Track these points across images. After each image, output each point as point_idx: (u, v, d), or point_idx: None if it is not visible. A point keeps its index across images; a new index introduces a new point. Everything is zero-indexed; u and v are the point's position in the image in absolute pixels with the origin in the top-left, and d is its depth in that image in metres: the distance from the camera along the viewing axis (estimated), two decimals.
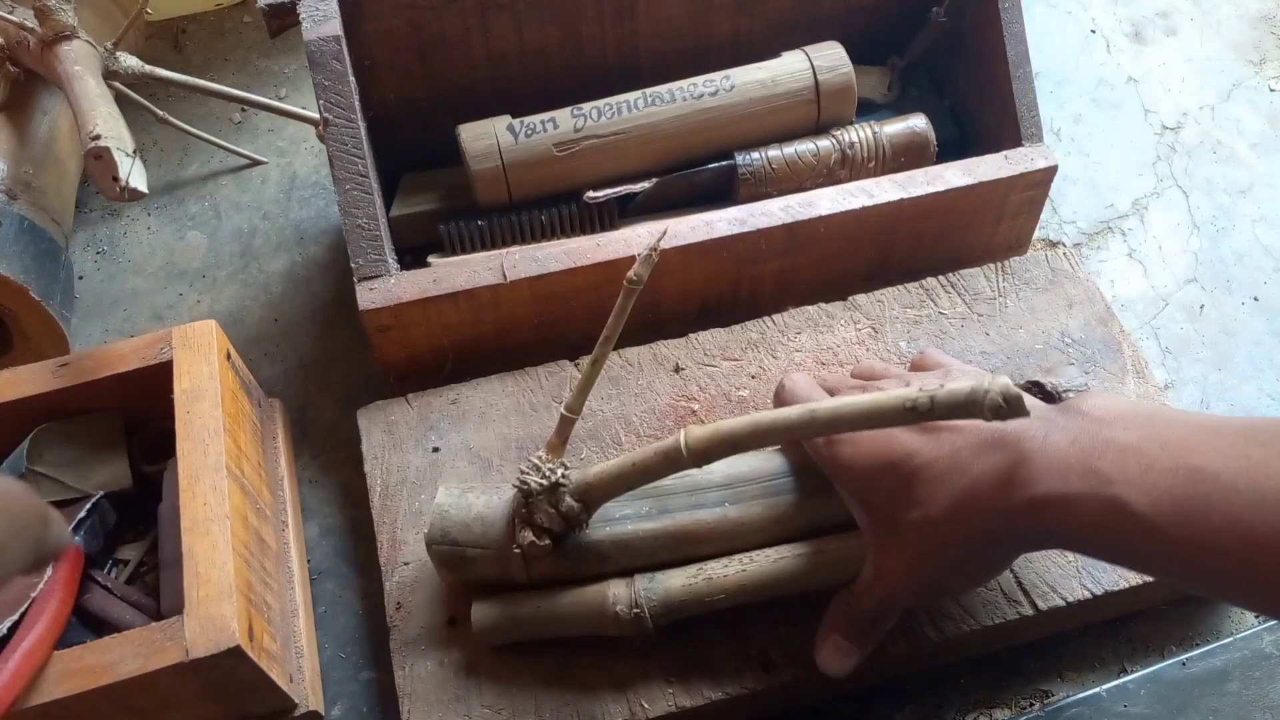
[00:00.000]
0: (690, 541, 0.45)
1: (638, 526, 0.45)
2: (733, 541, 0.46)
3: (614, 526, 0.45)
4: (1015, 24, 0.61)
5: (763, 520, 0.46)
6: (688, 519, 0.46)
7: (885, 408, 0.35)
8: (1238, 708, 0.48)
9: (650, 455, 0.42)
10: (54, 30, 0.58)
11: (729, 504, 0.46)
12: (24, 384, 0.50)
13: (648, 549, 0.45)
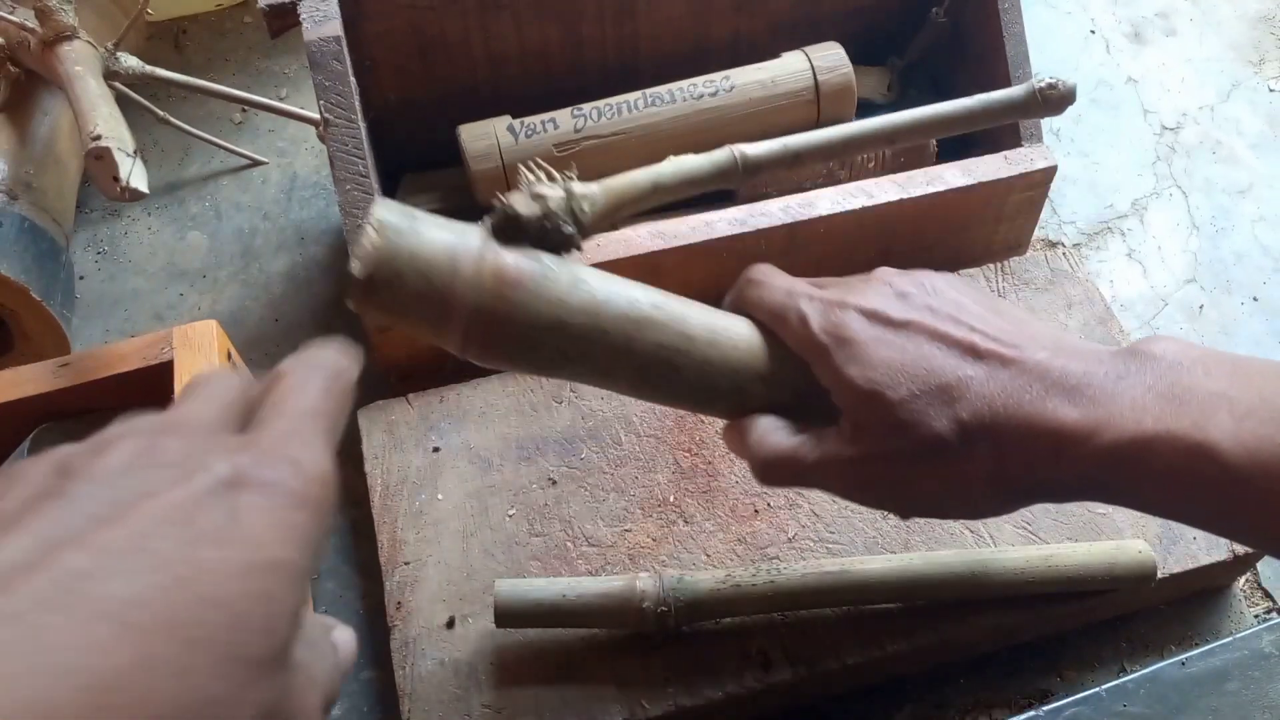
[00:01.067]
0: (682, 319, 0.37)
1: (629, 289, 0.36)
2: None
3: (599, 272, 0.36)
4: (1015, 24, 0.61)
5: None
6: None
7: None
8: (1237, 707, 0.48)
9: (694, 166, 0.37)
10: (54, 31, 0.58)
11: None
12: (25, 384, 0.50)
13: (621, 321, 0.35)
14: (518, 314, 0.33)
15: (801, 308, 0.37)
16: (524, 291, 0.33)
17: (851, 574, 0.47)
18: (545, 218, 0.34)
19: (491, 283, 0.33)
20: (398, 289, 0.32)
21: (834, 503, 0.52)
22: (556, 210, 0.34)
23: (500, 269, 0.33)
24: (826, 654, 0.47)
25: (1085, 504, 0.51)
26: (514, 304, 0.33)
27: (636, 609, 0.45)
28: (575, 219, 0.35)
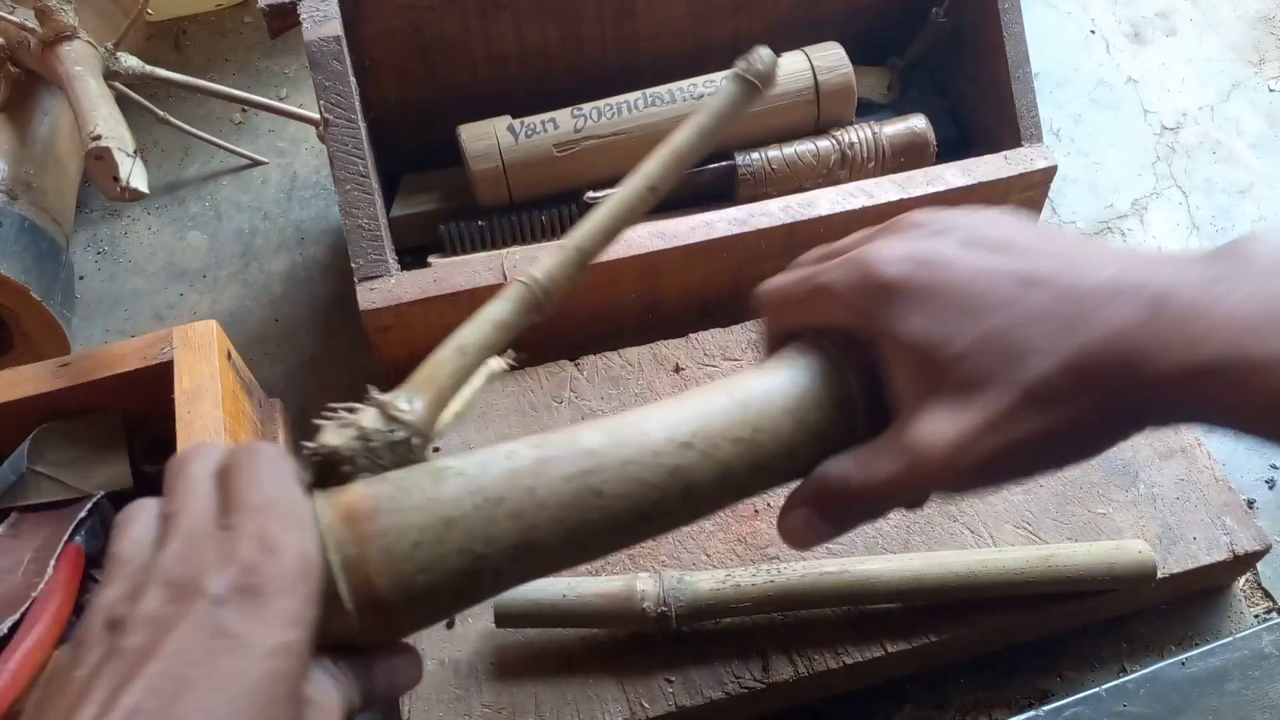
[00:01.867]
0: (571, 439, 0.31)
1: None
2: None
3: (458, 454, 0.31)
4: (1015, 24, 0.61)
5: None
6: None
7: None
8: (1237, 708, 0.48)
9: (494, 311, 0.32)
10: (55, 31, 0.58)
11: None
12: (25, 384, 0.50)
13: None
14: (394, 540, 0.27)
15: (827, 277, 0.32)
16: (385, 515, 0.27)
17: (851, 574, 0.47)
18: (367, 438, 0.28)
19: (345, 529, 0.27)
20: None
21: None
22: (374, 425, 0.29)
23: (347, 508, 0.27)
24: (826, 654, 0.47)
25: (1084, 504, 0.52)
26: (383, 533, 0.27)
27: (636, 609, 0.45)
28: (399, 422, 0.29)
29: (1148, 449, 0.54)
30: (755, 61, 0.33)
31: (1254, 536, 0.51)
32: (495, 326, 0.32)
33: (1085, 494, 0.52)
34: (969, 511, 0.51)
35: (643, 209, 0.34)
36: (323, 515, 0.27)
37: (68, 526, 0.49)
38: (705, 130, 0.34)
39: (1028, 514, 0.51)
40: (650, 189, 0.34)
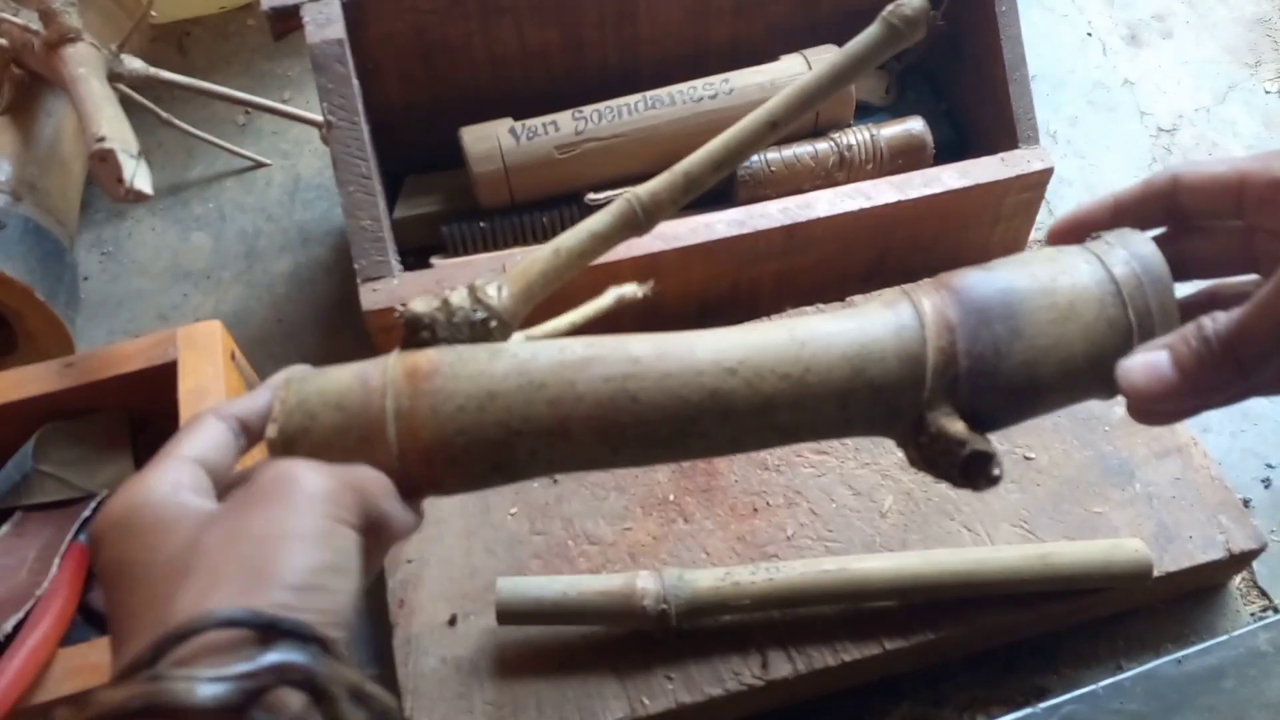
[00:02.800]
0: (622, 345, 0.32)
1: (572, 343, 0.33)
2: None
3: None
4: (1012, 27, 0.61)
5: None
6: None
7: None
8: (1233, 705, 0.48)
9: (595, 223, 0.33)
10: (59, 33, 0.58)
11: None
12: (29, 384, 0.51)
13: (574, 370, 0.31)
14: (442, 400, 0.30)
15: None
16: (441, 378, 0.30)
17: (850, 572, 0.47)
18: (450, 311, 0.31)
19: (405, 382, 0.30)
20: (315, 431, 0.30)
21: (832, 501, 0.52)
22: (460, 303, 0.32)
23: (412, 365, 0.30)
24: (825, 651, 0.47)
25: (1081, 503, 0.52)
26: (435, 392, 0.30)
27: (637, 607, 0.45)
28: (483, 304, 0.32)
29: (1144, 448, 0.54)
30: (904, 6, 0.32)
31: (1250, 535, 0.51)
32: (592, 236, 0.33)
33: (1082, 493, 0.52)
34: (966, 510, 0.52)
35: (760, 144, 0.34)
36: (391, 368, 0.30)
37: (72, 526, 0.49)
38: (838, 72, 0.33)
39: (1024, 512, 0.52)
40: (771, 124, 0.33)
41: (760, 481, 0.53)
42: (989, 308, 0.31)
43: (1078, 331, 0.31)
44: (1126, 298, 0.31)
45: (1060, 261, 0.32)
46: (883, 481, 0.53)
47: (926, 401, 0.31)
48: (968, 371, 0.31)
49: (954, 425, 0.31)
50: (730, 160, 0.34)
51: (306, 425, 0.30)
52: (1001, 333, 0.31)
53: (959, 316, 0.31)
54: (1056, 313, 0.31)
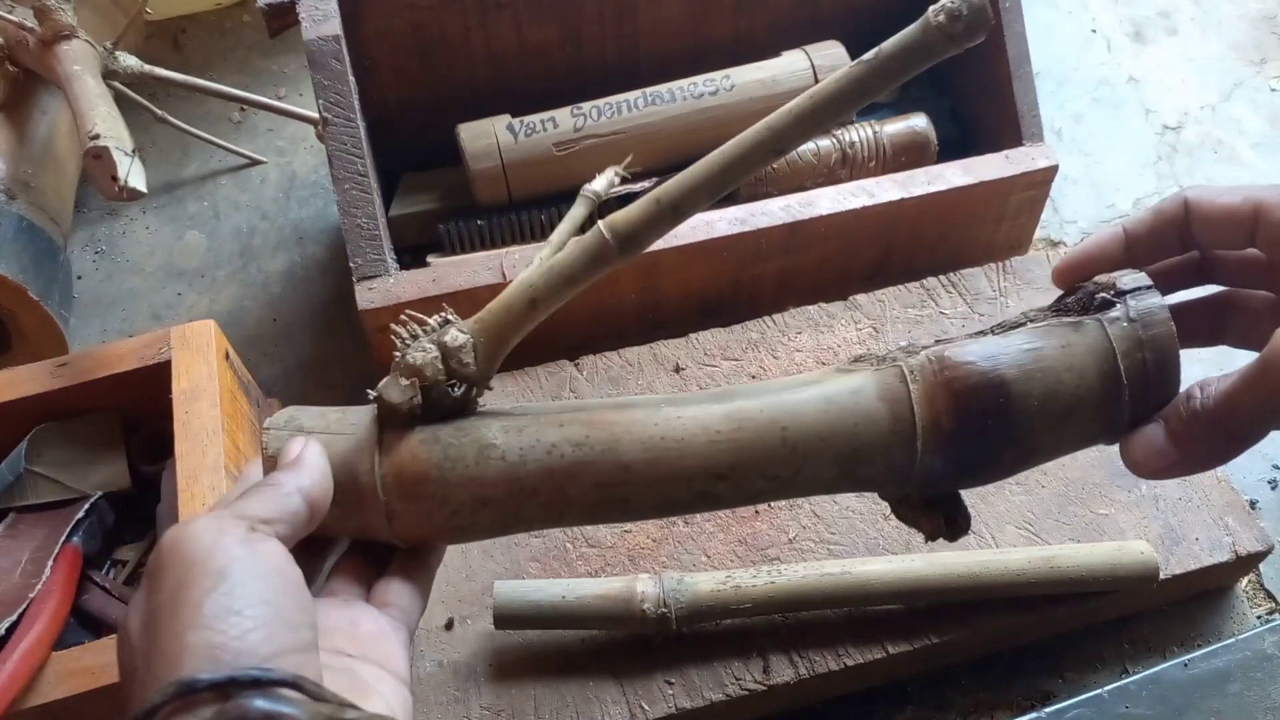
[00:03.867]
0: (612, 448, 0.31)
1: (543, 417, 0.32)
2: (666, 459, 0.31)
3: (508, 419, 0.32)
4: (1016, 23, 0.61)
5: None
6: (610, 416, 0.32)
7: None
8: (1239, 709, 0.47)
9: (568, 265, 0.31)
10: (53, 30, 0.58)
11: (667, 405, 0.32)
12: (22, 384, 0.50)
13: (545, 443, 0.31)
14: (435, 507, 0.31)
15: None
16: (430, 483, 0.30)
17: (852, 575, 0.46)
18: (425, 391, 0.31)
19: (395, 486, 0.30)
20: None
21: (835, 503, 0.51)
22: (434, 377, 0.31)
23: (399, 467, 0.30)
24: (827, 655, 0.46)
25: (1087, 505, 0.51)
26: (427, 498, 0.31)
27: (636, 610, 0.45)
28: (459, 375, 0.31)
29: None
30: (961, 5, 0.27)
31: (1256, 537, 0.50)
32: (565, 280, 0.31)
33: (1087, 495, 0.52)
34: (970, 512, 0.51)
35: (757, 168, 0.31)
36: (380, 467, 0.31)
37: (65, 527, 0.49)
38: (861, 84, 0.30)
39: (1029, 515, 0.51)
40: (775, 151, 0.30)
41: None
42: (986, 417, 0.31)
43: (1070, 433, 0.32)
44: (1127, 399, 0.31)
45: (1072, 353, 0.31)
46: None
47: (905, 495, 0.33)
48: (951, 474, 0.32)
49: (926, 524, 0.33)
50: (725, 185, 0.31)
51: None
52: (994, 442, 0.31)
53: (952, 427, 0.31)
54: (1053, 419, 0.31)
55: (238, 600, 0.24)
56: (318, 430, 0.31)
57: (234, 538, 0.26)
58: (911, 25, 0.28)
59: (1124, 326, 0.31)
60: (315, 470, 0.29)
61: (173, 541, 0.26)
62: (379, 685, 0.29)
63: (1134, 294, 0.31)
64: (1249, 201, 0.31)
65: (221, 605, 0.24)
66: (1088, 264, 0.34)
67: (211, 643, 0.23)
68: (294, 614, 0.25)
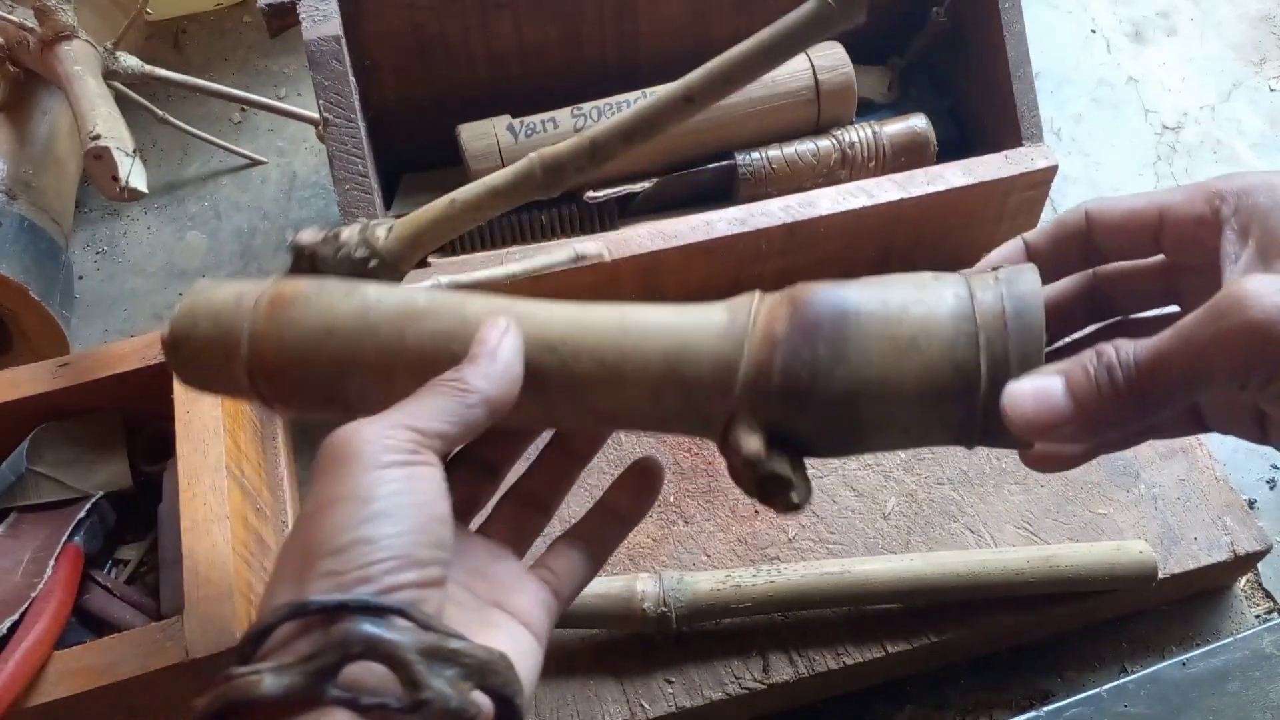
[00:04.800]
0: (459, 306, 0.32)
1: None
2: None
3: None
4: (1015, 24, 0.61)
5: None
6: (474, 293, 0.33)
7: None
8: (1238, 708, 0.48)
9: (494, 177, 0.33)
10: (54, 30, 0.58)
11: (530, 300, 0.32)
12: (24, 384, 0.50)
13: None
14: (288, 330, 0.31)
15: None
16: (295, 308, 0.31)
17: (852, 575, 0.47)
18: (336, 246, 0.33)
19: (265, 306, 0.31)
20: (194, 340, 0.32)
21: (834, 502, 0.52)
22: (347, 239, 0.33)
23: (279, 293, 0.32)
24: (826, 655, 0.47)
25: (1085, 504, 0.51)
26: (285, 321, 0.31)
27: (636, 610, 0.45)
28: (368, 245, 0.33)
29: (1148, 449, 0.54)
30: None
31: (1255, 537, 0.51)
32: (491, 191, 0.33)
33: (1086, 494, 0.52)
34: (969, 512, 0.51)
35: (674, 117, 0.32)
36: (264, 292, 0.32)
37: (67, 526, 0.49)
38: (767, 48, 0.32)
39: (1028, 514, 0.51)
40: (687, 99, 0.32)
41: None
42: (819, 327, 0.29)
43: (914, 368, 0.29)
44: (983, 341, 0.28)
45: (927, 289, 0.30)
46: (885, 483, 0.52)
47: (734, 413, 0.30)
48: (779, 390, 0.29)
49: (750, 442, 0.29)
50: (640, 132, 0.33)
51: (189, 332, 0.32)
52: (823, 355, 0.29)
53: (785, 332, 0.29)
54: (893, 344, 0.29)
55: (375, 530, 0.24)
56: (232, 283, 0.33)
57: (394, 458, 0.26)
58: (808, 3, 0.31)
59: (985, 279, 0.30)
60: (509, 368, 0.29)
61: (334, 450, 0.26)
62: (508, 627, 0.29)
63: (1008, 268, 0.31)
64: (1154, 205, 0.30)
65: (358, 534, 0.24)
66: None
67: (336, 569, 0.24)
68: (427, 550, 0.25)
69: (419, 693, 0.23)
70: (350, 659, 0.23)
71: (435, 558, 0.25)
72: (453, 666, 0.24)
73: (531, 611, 0.30)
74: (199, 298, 0.33)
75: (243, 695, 0.23)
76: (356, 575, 0.24)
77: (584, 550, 0.33)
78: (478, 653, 0.25)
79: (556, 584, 0.31)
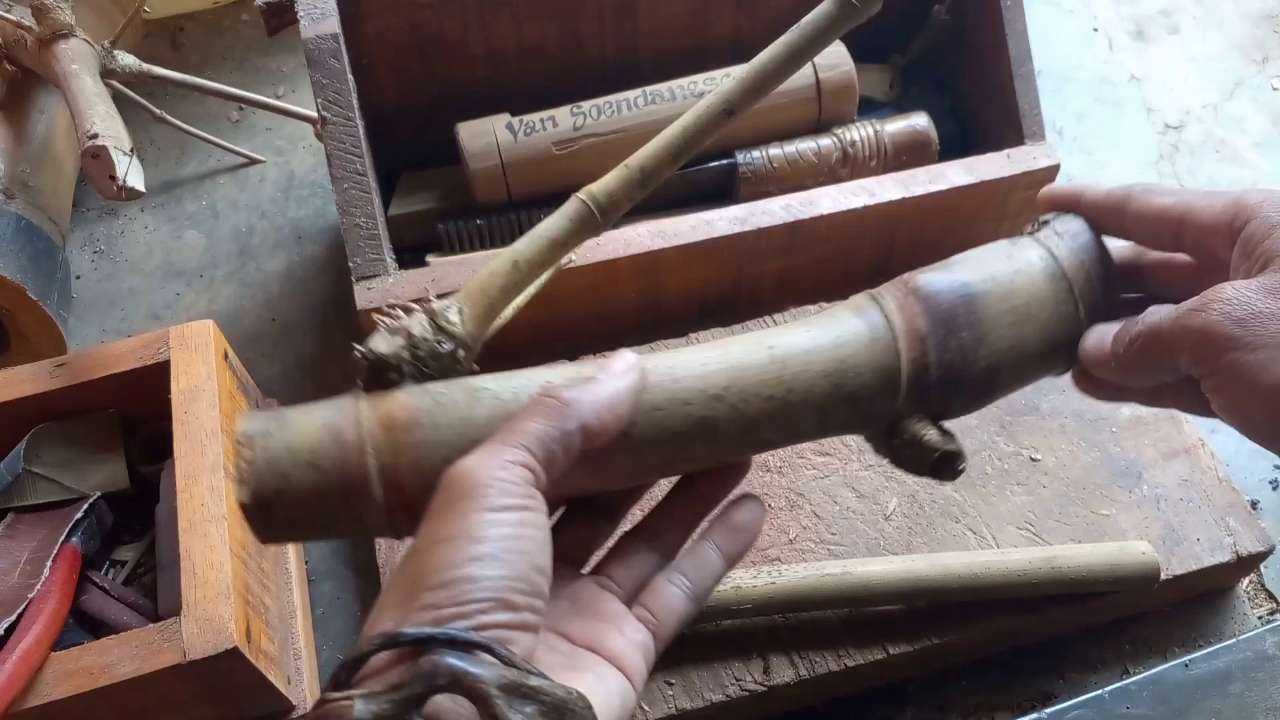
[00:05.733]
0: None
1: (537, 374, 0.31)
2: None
3: (498, 373, 0.31)
4: (1017, 22, 0.61)
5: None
6: (596, 361, 0.32)
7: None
8: (1240, 710, 0.47)
9: (551, 228, 0.32)
10: (51, 29, 0.57)
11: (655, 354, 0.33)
12: (21, 384, 0.50)
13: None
14: (426, 454, 0.29)
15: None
16: (421, 429, 0.29)
17: (853, 576, 0.46)
18: (413, 346, 0.30)
19: (383, 435, 0.29)
20: (291, 494, 0.28)
21: (835, 504, 0.51)
22: (422, 334, 0.30)
23: (387, 416, 0.29)
24: (827, 656, 0.46)
25: (1088, 505, 0.51)
26: (418, 446, 0.29)
27: None
28: (446, 334, 0.31)
29: (1151, 449, 0.53)
30: None
31: (1258, 538, 0.50)
32: (551, 244, 0.32)
33: (1088, 495, 0.52)
34: (971, 512, 0.51)
35: (715, 131, 0.33)
36: (365, 420, 0.29)
37: (64, 527, 0.48)
38: (794, 50, 0.33)
39: (1030, 515, 0.51)
40: (726, 111, 0.33)
41: (762, 484, 0.52)
42: (955, 315, 0.32)
43: (1035, 332, 0.32)
44: (1078, 295, 0.33)
45: (1016, 258, 0.33)
46: (886, 484, 0.52)
47: (900, 409, 0.32)
48: (938, 380, 0.32)
49: (928, 432, 0.32)
50: (687, 150, 0.33)
51: (280, 487, 0.29)
52: (968, 340, 0.32)
53: (928, 326, 0.32)
54: (1015, 316, 0.32)
55: (478, 570, 0.25)
56: (299, 416, 0.30)
57: (508, 501, 0.26)
58: (826, 2, 0.33)
59: (1054, 238, 0.33)
60: (616, 405, 0.29)
61: (454, 487, 0.27)
62: (597, 670, 0.30)
63: (1057, 220, 0.34)
64: (1179, 208, 0.32)
65: (462, 572, 0.25)
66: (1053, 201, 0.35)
67: (435, 603, 0.25)
68: (522, 597, 0.26)
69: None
70: (435, 690, 0.24)
71: (530, 605, 0.26)
72: (532, 704, 0.25)
73: (627, 654, 0.31)
74: (272, 443, 0.29)
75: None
76: (453, 611, 0.25)
77: (686, 590, 0.33)
78: (557, 691, 0.25)
79: (655, 626, 0.32)
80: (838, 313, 0.33)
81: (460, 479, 0.27)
